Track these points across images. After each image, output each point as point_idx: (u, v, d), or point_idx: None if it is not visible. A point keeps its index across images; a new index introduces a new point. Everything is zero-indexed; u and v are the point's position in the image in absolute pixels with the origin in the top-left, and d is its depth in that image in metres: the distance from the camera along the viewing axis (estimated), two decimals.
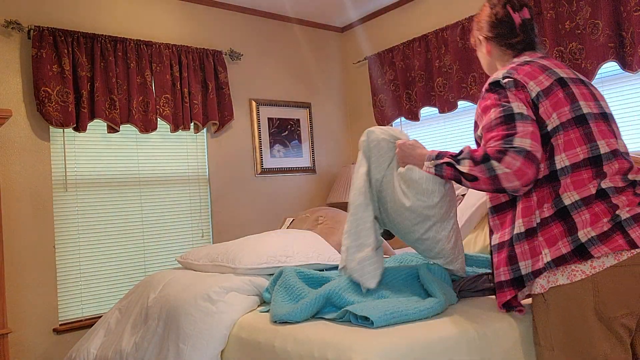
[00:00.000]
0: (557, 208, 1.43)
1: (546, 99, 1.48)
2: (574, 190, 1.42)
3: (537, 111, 1.47)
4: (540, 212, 1.45)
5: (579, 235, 1.39)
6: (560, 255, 1.41)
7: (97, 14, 3.24)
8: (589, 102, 1.50)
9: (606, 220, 1.39)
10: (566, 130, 1.45)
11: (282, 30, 4.19)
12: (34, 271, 2.91)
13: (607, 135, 1.48)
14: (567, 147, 1.45)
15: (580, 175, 1.43)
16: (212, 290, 1.96)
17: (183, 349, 1.83)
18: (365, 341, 1.38)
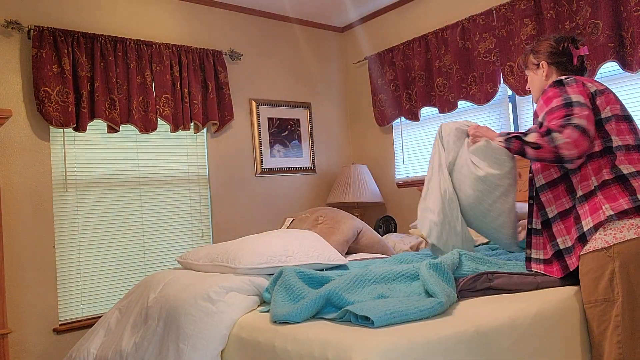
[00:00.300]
0: (616, 174, 1.73)
1: (602, 95, 1.84)
2: (629, 164, 1.74)
3: (595, 102, 1.81)
4: (598, 177, 1.75)
5: (638, 196, 1.67)
6: (622, 209, 1.67)
7: (97, 14, 3.24)
8: (619, 106, 1.88)
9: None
10: (618, 121, 1.81)
11: (282, 30, 4.19)
12: (34, 271, 2.91)
13: (621, 132, 1.82)
14: (619, 133, 1.79)
15: (632, 155, 1.76)
16: (212, 290, 1.95)
17: (183, 349, 1.83)
18: (365, 341, 1.38)
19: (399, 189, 4.09)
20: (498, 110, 3.45)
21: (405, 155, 4.09)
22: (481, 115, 3.54)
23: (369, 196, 3.95)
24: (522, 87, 3.12)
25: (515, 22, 3.15)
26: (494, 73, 3.30)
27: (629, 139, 1.80)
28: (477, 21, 3.37)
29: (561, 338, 1.71)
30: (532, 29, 3.06)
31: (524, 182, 3.12)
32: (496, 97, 3.36)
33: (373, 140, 4.36)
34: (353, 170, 4.03)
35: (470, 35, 3.43)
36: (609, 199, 1.71)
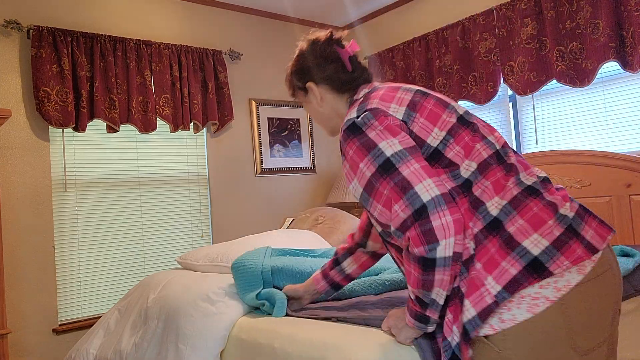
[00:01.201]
0: (486, 221, 1.10)
1: (415, 114, 1.21)
2: (496, 194, 1.12)
3: (412, 132, 1.19)
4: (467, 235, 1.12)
5: (526, 246, 1.05)
6: (511, 278, 1.04)
7: (96, 13, 3.24)
8: (454, 104, 1.27)
9: (552, 223, 1.08)
10: (457, 135, 1.18)
11: (282, 30, 4.19)
12: (33, 271, 2.90)
13: (491, 130, 1.24)
14: (466, 150, 1.17)
15: (494, 175, 1.15)
16: (211, 290, 1.95)
17: (182, 350, 1.83)
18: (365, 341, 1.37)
19: None
20: (498, 110, 3.44)
21: None
22: (481, 115, 3.54)
23: None
24: (522, 87, 3.12)
25: (516, 21, 3.15)
26: (494, 73, 3.30)
27: (480, 150, 1.17)
28: (478, 21, 3.37)
29: None
30: (533, 28, 3.06)
31: None
32: (496, 97, 3.36)
33: None
34: None
35: (471, 35, 3.43)
36: (488, 267, 1.07)
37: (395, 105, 1.22)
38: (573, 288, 1.04)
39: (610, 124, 2.90)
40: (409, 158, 1.13)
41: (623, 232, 2.70)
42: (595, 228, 1.10)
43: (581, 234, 1.08)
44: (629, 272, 2.04)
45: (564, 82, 2.90)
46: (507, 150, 1.20)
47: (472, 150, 1.17)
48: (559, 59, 2.92)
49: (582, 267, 1.05)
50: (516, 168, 1.16)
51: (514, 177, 1.14)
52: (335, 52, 1.39)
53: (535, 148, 3.25)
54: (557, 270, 1.03)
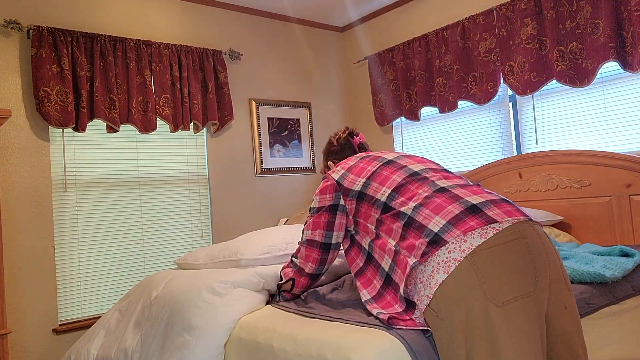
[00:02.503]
0: (404, 221, 1.49)
1: (349, 173, 1.74)
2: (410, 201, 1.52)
3: (342, 186, 1.71)
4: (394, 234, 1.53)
5: (430, 227, 1.40)
6: (421, 252, 1.38)
7: (96, 13, 3.24)
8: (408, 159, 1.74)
9: (452, 207, 1.41)
10: (376, 175, 1.68)
11: (282, 30, 4.19)
12: (33, 271, 2.91)
13: (422, 161, 1.70)
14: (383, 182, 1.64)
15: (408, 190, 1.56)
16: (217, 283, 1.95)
17: (189, 340, 1.82)
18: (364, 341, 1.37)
19: None
20: (498, 110, 3.44)
21: None
22: (481, 115, 3.54)
23: None
24: (522, 87, 3.12)
25: (516, 21, 3.15)
26: (494, 73, 3.30)
27: (395, 178, 1.60)
28: (478, 21, 3.36)
29: None
30: (533, 28, 3.06)
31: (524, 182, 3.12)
32: (496, 97, 3.36)
33: (373, 140, 4.36)
34: None
35: (471, 35, 3.43)
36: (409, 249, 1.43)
37: (339, 169, 1.78)
38: (476, 249, 1.31)
39: (610, 124, 2.89)
40: (314, 214, 1.76)
41: (623, 232, 2.70)
42: (506, 210, 1.39)
43: (484, 211, 1.38)
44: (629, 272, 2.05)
45: (564, 82, 2.90)
46: (431, 171, 1.60)
47: (387, 180, 1.60)
48: (559, 59, 2.92)
49: (483, 234, 1.33)
50: (430, 179, 1.55)
51: (427, 185, 1.53)
52: (348, 141, 2.05)
53: (535, 148, 3.25)
54: (450, 239, 1.34)
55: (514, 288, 1.28)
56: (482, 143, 3.54)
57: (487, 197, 1.44)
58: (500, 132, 3.43)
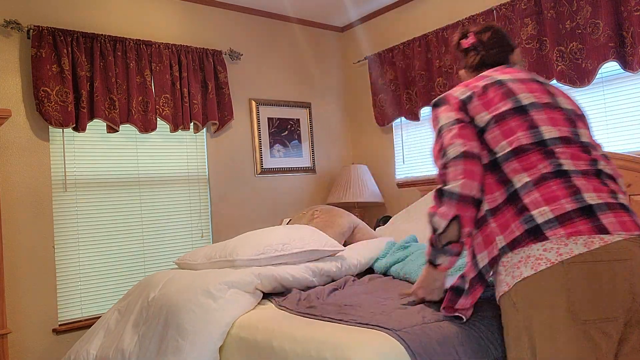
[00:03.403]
0: (508, 192, 1.36)
1: (476, 98, 1.50)
2: (523, 172, 1.36)
3: (467, 112, 1.50)
4: (491, 201, 1.40)
5: (534, 215, 1.29)
6: (514, 237, 1.31)
7: (96, 13, 3.24)
8: (536, 94, 1.49)
9: (565, 201, 1.28)
10: (503, 121, 1.44)
11: (282, 30, 4.19)
12: (33, 271, 2.91)
13: (557, 123, 1.43)
14: (505, 135, 1.42)
15: (528, 159, 1.37)
16: (212, 286, 1.95)
17: (183, 345, 1.83)
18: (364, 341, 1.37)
19: (399, 189, 4.08)
20: None
21: (405, 155, 4.08)
22: None
23: (369, 196, 3.95)
24: None
25: (516, 21, 3.14)
26: None
27: (521, 136, 1.40)
28: (478, 21, 3.36)
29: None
30: (533, 28, 3.06)
31: None
32: None
33: (373, 140, 4.36)
34: (353, 170, 4.02)
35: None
36: (501, 228, 1.36)
37: (464, 89, 1.55)
38: (576, 257, 1.22)
39: (610, 124, 2.89)
40: (455, 125, 1.47)
41: None
42: (621, 220, 1.26)
43: (598, 216, 1.25)
44: None
45: (564, 82, 2.90)
46: (560, 142, 1.39)
47: (511, 135, 1.41)
48: (559, 59, 2.92)
49: (588, 243, 1.22)
50: (556, 156, 1.36)
51: (549, 161, 1.35)
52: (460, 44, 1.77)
53: None
54: (552, 237, 1.25)
55: (601, 310, 1.21)
56: None
57: (606, 199, 1.30)
58: None
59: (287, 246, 2.23)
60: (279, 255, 2.20)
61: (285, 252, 2.21)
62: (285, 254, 2.21)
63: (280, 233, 2.32)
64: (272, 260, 2.18)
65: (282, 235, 2.30)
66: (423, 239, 2.86)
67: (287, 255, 2.22)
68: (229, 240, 2.39)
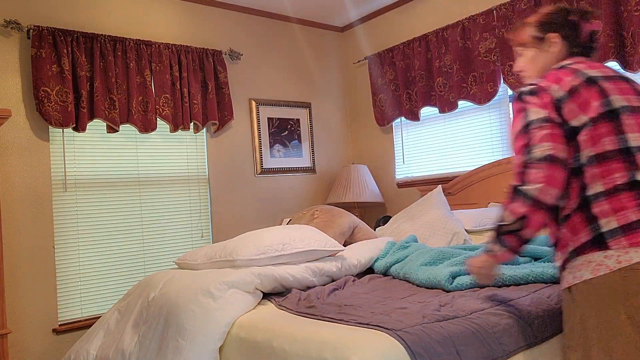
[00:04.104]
0: (581, 199, 1.39)
1: (570, 99, 1.43)
2: (599, 180, 1.37)
3: (561, 111, 1.43)
4: (567, 207, 1.42)
5: (600, 224, 1.35)
6: (580, 244, 1.38)
7: (96, 13, 3.24)
8: (628, 96, 1.46)
9: (632, 212, 1.32)
10: (595, 125, 1.40)
11: (282, 30, 4.19)
12: (33, 271, 2.91)
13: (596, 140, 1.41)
14: (594, 141, 1.39)
15: (608, 166, 1.37)
16: (212, 285, 1.95)
17: (182, 345, 1.83)
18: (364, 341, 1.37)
19: (399, 189, 4.08)
20: (498, 110, 3.44)
21: (405, 155, 4.08)
22: (481, 115, 3.54)
23: (369, 196, 3.95)
24: None
25: (516, 21, 3.14)
26: (494, 73, 3.30)
27: (606, 142, 1.39)
28: (478, 21, 3.36)
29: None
30: None
31: None
32: (496, 97, 3.36)
33: (373, 140, 4.36)
34: (353, 170, 4.02)
35: (471, 35, 3.43)
36: (572, 233, 1.41)
37: (557, 87, 1.46)
38: (636, 265, 1.28)
39: None
40: (545, 124, 1.41)
41: None
42: None
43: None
44: None
45: None
46: None
47: (598, 141, 1.39)
48: None
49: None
50: (635, 165, 1.37)
51: (627, 171, 1.36)
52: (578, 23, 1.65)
53: None
54: (615, 246, 1.31)
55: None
56: (482, 143, 3.54)
57: None
58: (500, 132, 3.43)
59: (287, 246, 2.23)
60: (279, 255, 2.20)
61: (285, 252, 2.21)
62: (285, 254, 2.21)
63: (281, 233, 2.32)
64: (272, 260, 2.18)
65: (282, 235, 2.30)
66: (423, 239, 2.86)
67: (287, 255, 2.22)
68: (229, 240, 2.39)
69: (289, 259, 2.23)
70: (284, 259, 2.22)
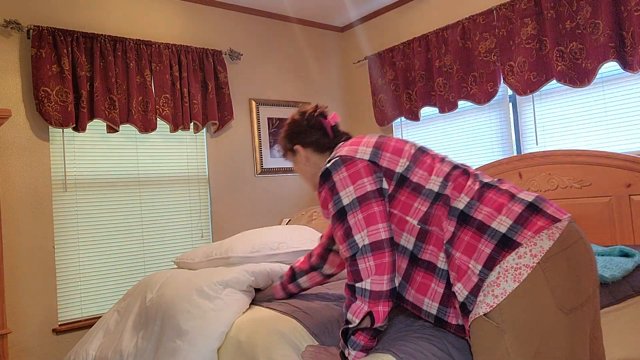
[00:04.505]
0: (457, 217, 1.31)
1: (383, 151, 1.43)
2: (460, 193, 1.34)
3: (381, 166, 1.40)
4: (446, 233, 1.31)
5: (495, 227, 1.25)
6: (487, 256, 1.23)
7: (96, 13, 3.24)
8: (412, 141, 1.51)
9: (512, 205, 1.28)
10: (419, 161, 1.42)
11: (282, 30, 4.18)
12: (33, 271, 2.91)
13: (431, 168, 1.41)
14: (429, 170, 1.40)
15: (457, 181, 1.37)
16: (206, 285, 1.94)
17: (180, 346, 1.82)
18: None
19: None
20: (498, 110, 3.44)
21: None
22: (481, 115, 3.53)
23: None
24: (522, 87, 3.11)
25: (516, 21, 3.14)
26: (494, 73, 3.29)
27: (442, 167, 1.40)
28: (478, 21, 3.36)
29: None
30: (533, 28, 3.06)
31: (524, 182, 3.12)
32: (496, 97, 3.36)
33: None
34: None
35: (471, 35, 3.42)
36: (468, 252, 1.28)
37: (363, 148, 1.44)
38: (547, 253, 1.20)
39: (610, 124, 2.89)
40: (357, 209, 1.35)
41: (623, 232, 2.70)
42: (555, 206, 1.29)
43: (542, 209, 1.26)
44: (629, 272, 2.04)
45: (564, 82, 2.90)
46: (460, 165, 1.43)
47: (434, 169, 1.39)
48: (559, 59, 2.92)
49: (551, 235, 1.22)
50: (472, 173, 1.39)
51: (472, 177, 1.37)
52: (319, 122, 1.66)
53: (535, 148, 3.24)
54: (523, 240, 1.22)
55: (580, 293, 1.22)
56: (482, 143, 3.54)
57: (532, 194, 1.33)
58: (500, 132, 3.43)
59: (283, 245, 2.22)
60: (274, 254, 2.19)
61: (281, 251, 2.20)
62: (280, 252, 2.20)
63: (277, 232, 2.32)
64: (267, 258, 2.18)
65: (279, 234, 2.29)
66: None
67: (283, 254, 2.21)
68: (227, 239, 2.39)
69: (284, 258, 2.23)
70: (279, 258, 2.21)
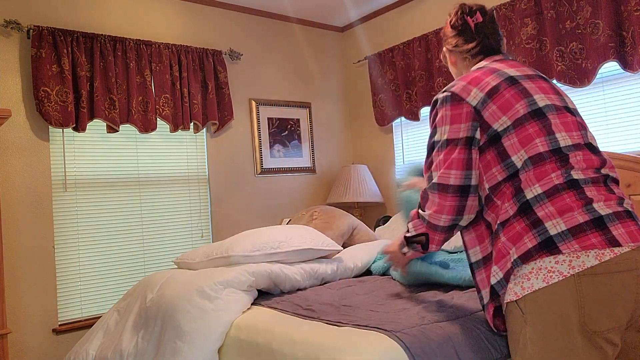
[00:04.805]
0: (520, 203, 1.33)
1: (491, 102, 1.40)
2: (536, 183, 1.32)
3: (482, 117, 1.40)
4: (503, 214, 1.35)
5: (547, 227, 1.27)
6: (526, 250, 1.27)
7: (96, 13, 3.24)
8: (550, 95, 1.44)
9: (578, 213, 1.27)
10: (520, 127, 1.37)
11: (282, 30, 4.18)
12: (33, 271, 2.91)
13: (570, 128, 1.39)
14: (524, 143, 1.36)
15: (543, 167, 1.33)
16: (207, 285, 1.95)
17: (181, 347, 1.82)
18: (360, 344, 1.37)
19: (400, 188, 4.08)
20: None
21: (405, 155, 4.08)
22: None
23: (369, 196, 3.94)
24: None
25: (516, 21, 3.14)
26: None
27: (538, 143, 1.36)
28: None
29: None
30: (533, 28, 3.05)
31: None
32: None
33: (373, 140, 4.36)
34: (353, 170, 4.02)
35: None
36: (513, 240, 1.32)
37: (476, 91, 1.43)
38: (588, 270, 1.21)
39: (610, 124, 2.89)
40: (442, 149, 1.42)
41: None
42: (629, 230, 1.25)
43: (609, 228, 1.24)
44: None
45: (564, 82, 2.90)
46: (574, 149, 1.36)
47: (529, 143, 1.35)
48: (558, 59, 2.92)
49: (600, 255, 1.21)
50: (570, 164, 1.34)
51: (562, 170, 1.32)
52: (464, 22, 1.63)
53: None
54: (566, 250, 1.23)
55: (609, 321, 1.22)
56: None
57: (615, 208, 1.29)
58: None
59: (283, 244, 2.22)
60: (275, 253, 2.19)
61: (281, 250, 2.20)
62: (280, 251, 2.20)
63: (278, 231, 2.32)
64: (267, 257, 2.18)
65: (279, 233, 2.30)
66: None
67: (283, 253, 2.21)
68: (228, 239, 2.39)
69: (284, 257, 2.23)
70: (279, 257, 2.21)
